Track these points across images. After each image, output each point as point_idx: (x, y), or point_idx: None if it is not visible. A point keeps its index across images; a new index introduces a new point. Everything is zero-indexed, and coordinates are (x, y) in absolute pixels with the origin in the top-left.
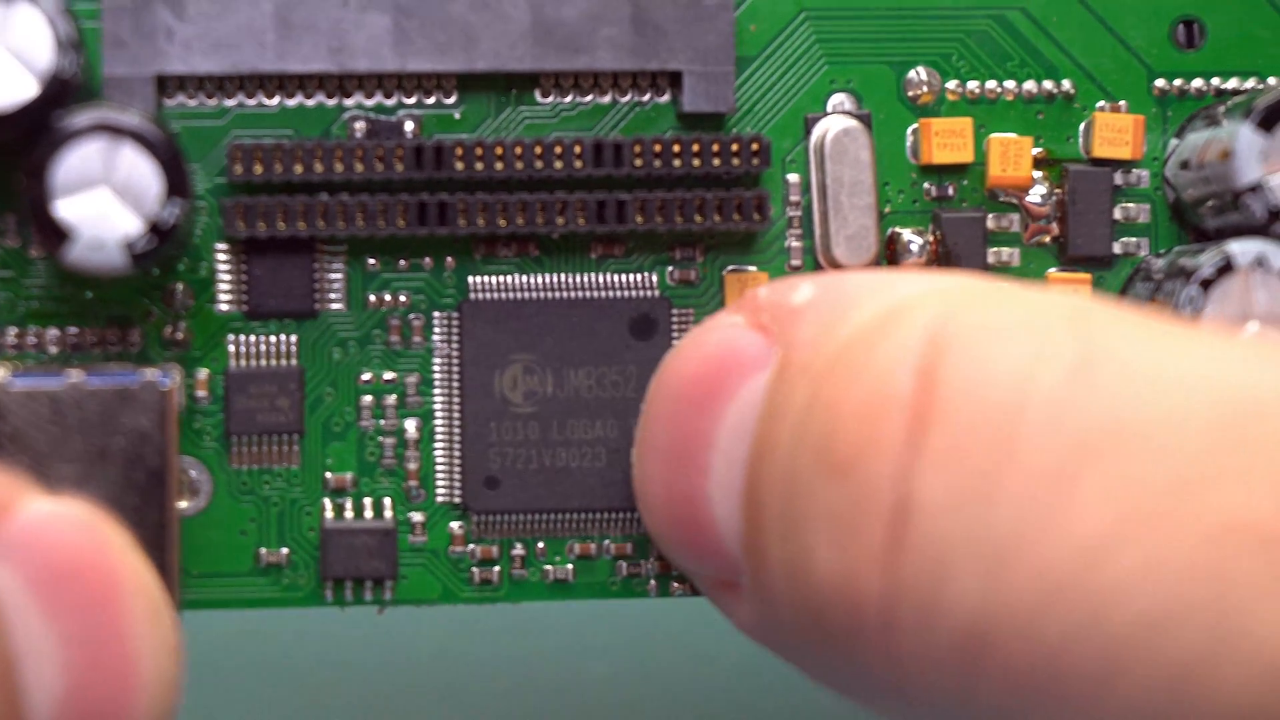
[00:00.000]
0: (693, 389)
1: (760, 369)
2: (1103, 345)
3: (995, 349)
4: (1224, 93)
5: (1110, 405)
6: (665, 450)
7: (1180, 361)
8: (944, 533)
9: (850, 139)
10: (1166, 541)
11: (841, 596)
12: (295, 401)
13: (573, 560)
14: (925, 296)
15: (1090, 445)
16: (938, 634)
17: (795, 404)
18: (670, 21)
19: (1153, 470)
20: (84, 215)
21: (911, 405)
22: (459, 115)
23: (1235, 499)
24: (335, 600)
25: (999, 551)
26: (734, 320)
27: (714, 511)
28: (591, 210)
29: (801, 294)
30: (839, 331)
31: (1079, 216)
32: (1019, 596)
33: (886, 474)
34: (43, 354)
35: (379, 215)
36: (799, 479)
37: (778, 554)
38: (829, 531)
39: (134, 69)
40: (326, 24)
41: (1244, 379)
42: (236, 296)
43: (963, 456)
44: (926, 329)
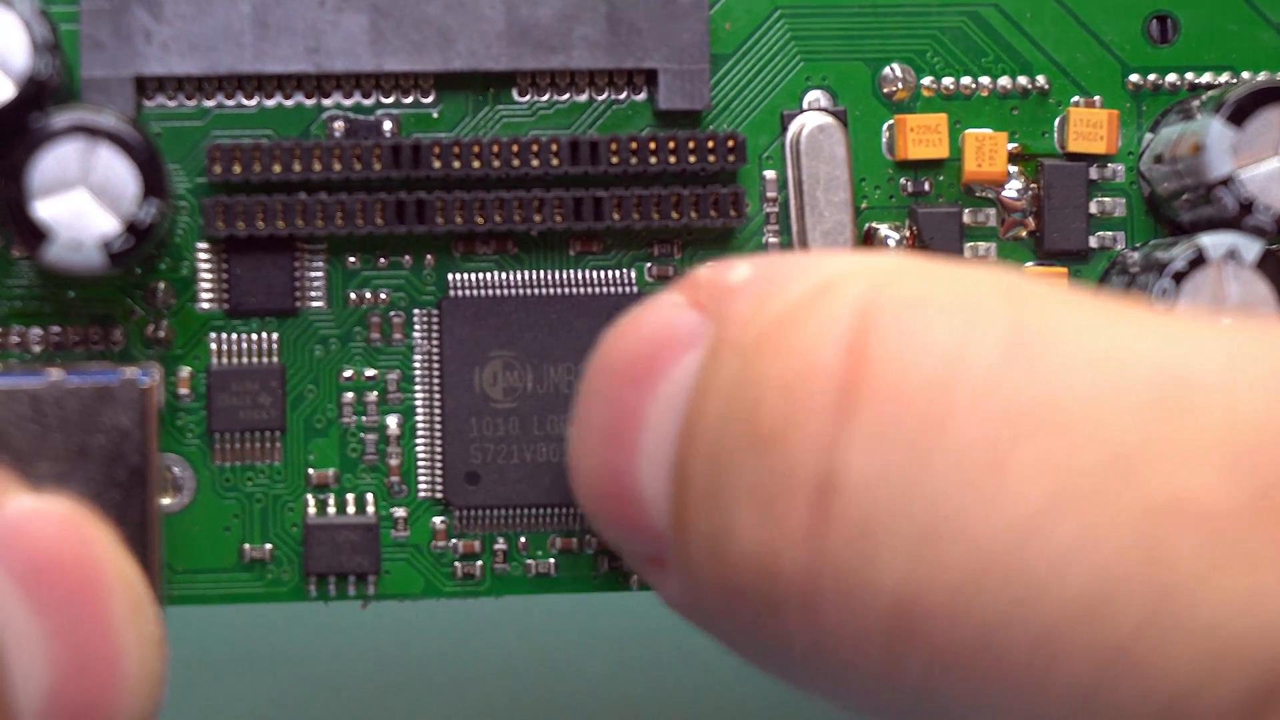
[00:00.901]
0: (627, 366)
1: (694, 346)
2: (1036, 321)
3: (926, 324)
4: (1198, 87)
5: (1043, 381)
6: (598, 427)
7: (1115, 338)
8: (870, 507)
9: (826, 135)
10: (1101, 519)
11: (763, 570)
12: (277, 399)
13: (555, 554)
14: (856, 272)
15: (1022, 421)
16: (862, 610)
17: (724, 379)
18: (645, 20)
19: (1086, 447)
20: (61, 216)
21: (839, 378)
22: (437, 114)
23: (1171, 476)
24: (318, 595)
25: (928, 527)
26: (673, 299)
27: (643, 488)
28: (569, 208)
29: (738, 273)
30: (769, 307)
31: (1055, 211)
32: (948, 573)
33: (811, 447)
34: (26, 353)
35: (358, 214)
36: (723, 453)
37: (701, 527)
38: (751, 504)
39: (112, 71)
40: (303, 25)
41: (1179, 355)
42: (218, 295)
43: (892, 431)
44: (856, 303)
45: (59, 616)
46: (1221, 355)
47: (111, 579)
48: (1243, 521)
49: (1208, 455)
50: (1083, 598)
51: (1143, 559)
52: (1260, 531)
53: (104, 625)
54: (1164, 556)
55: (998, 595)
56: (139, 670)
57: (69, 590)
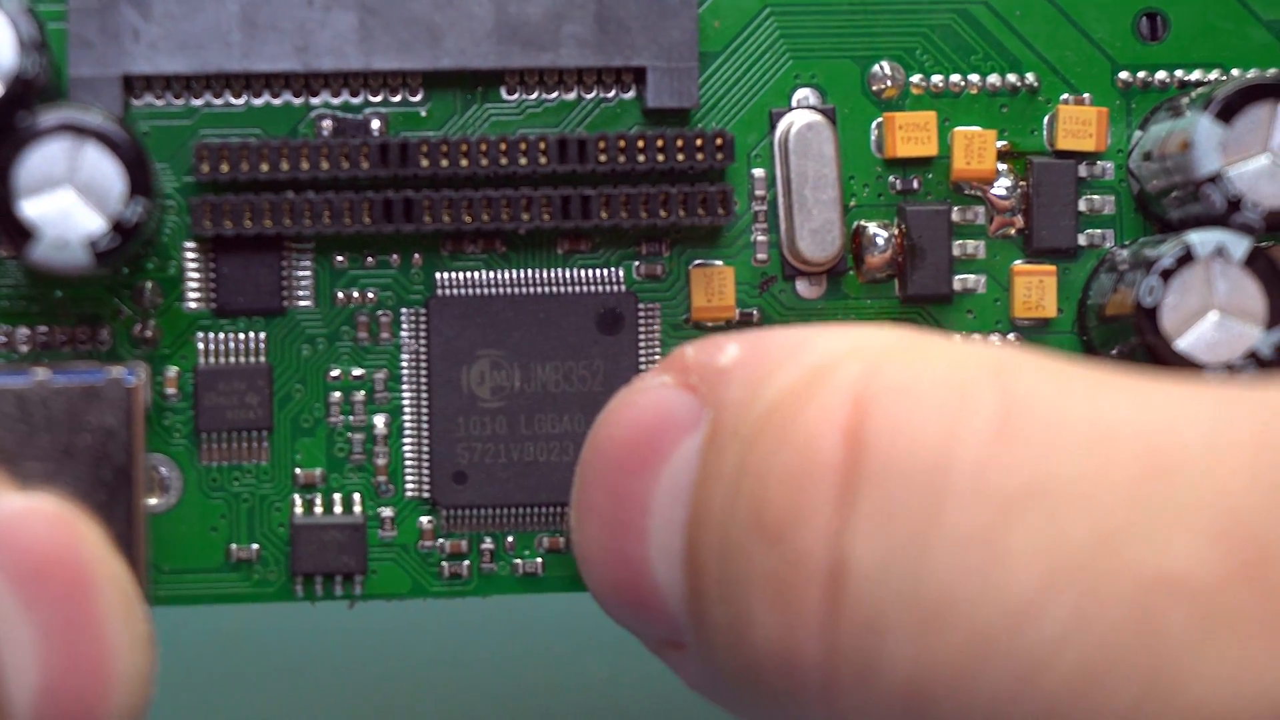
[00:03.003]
0: (626, 452)
1: (691, 430)
2: (1025, 399)
3: (918, 408)
4: (1187, 85)
5: (1034, 461)
6: (602, 514)
7: (1103, 411)
8: (877, 595)
9: (814, 133)
10: (1094, 596)
11: (780, 659)
12: (264, 398)
13: (542, 554)
14: (846, 355)
15: (1016, 502)
16: (876, 694)
17: (727, 468)
18: (634, 18)
19: (1078, 524)
20: (48, 214)
21: (839, 469)
22: (425, 113)
23: (1161, 550)
24: (305, 595)
25: (931, 613)
26: (663, 381)
27: (655, 575)
28: (557, 206)
29: (728, 354)
30: (764, 393)
31: (1044, 209)
32: (952, 657)
33: (818, 538)
34: (13, 353)
35: (346, 213)
36: (734, 544)
37: (718, 617)
38: (765, 596)
39: (100, 69)
40: (291, 23)
41: (1168, 427)
42: (205, 294)
43: (892, 519)
44: (849, 390)
45: (49, 614)
46: (1203, 423)
47: (101, 577)
48: (1230, 593)
49: (1194, 527)
50: (1080, 675)
51: (1135, 634)
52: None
53: (94, 623)
54: (1156, 631)
55: (1000, 675)
56: (129, 668)
57: (59, 588)
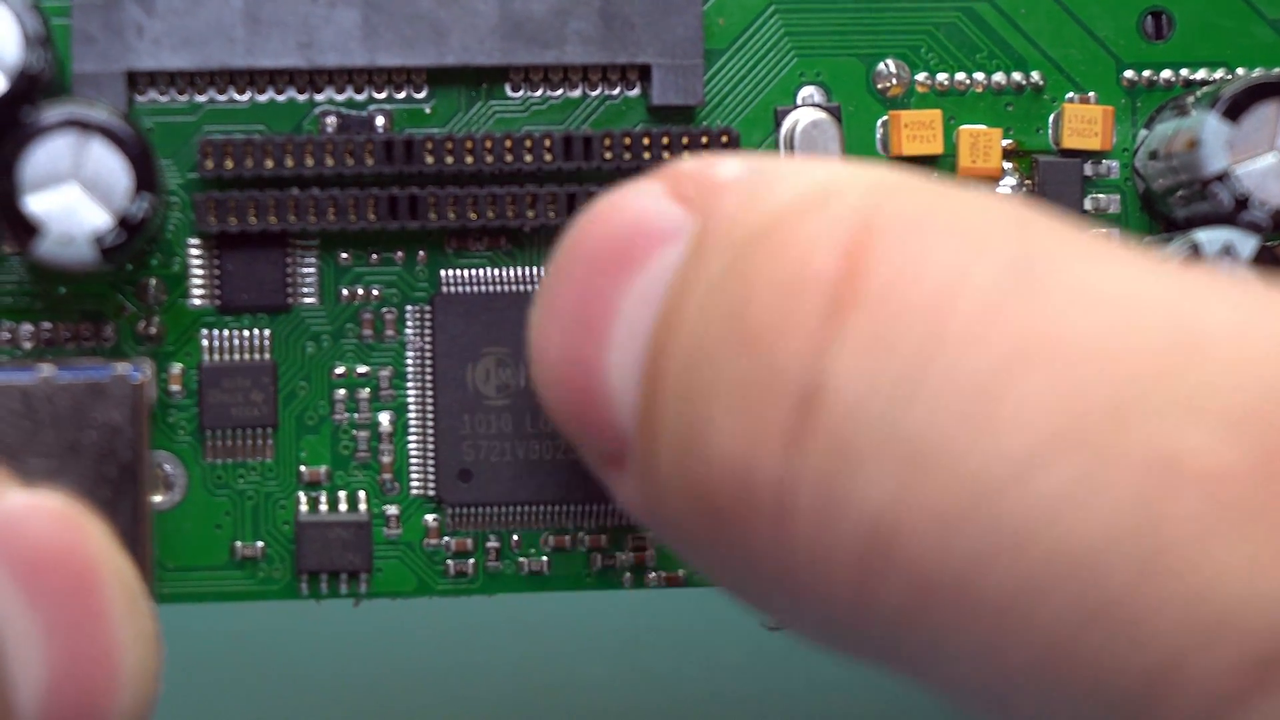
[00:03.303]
0: (602, 254)
1: (675, 240)
2: (1046, 252)
3: (932, 240)
4: (1193, 83)
5: (1051, 314)
6: (566, 315)
7: (1127, 280)
8: (857, 422)
9: (820, 131)
10: (1099, 466)
11: (734, 474)
12: (269, 395)
13: (548, 552)
14: (858, 181)
15: (1026, 353)
16: (837, 528)
17: (708, 274)
18: (639, 15)
19: (1092, 388)
20: (53, 210)
21: (834, 285)
22: (429, 110)
23: (1179, 431)
24: (310, 593)
25: (916, 452)
26: (653, 188)
27: (610, 382)
28: (562, 203)
29: (728, 169)
30: (764, 205)
31: (1049, 207)
32: (934, 502)
33: (797, 351)
34: (16, 350)
35: (350, 209)
36: (704, 349)
37: (671, 424)
38: (729, 405)
39: (104, 65)
40: (295, 19)
41: (1192, 306)
42: (209, 291)
43: (885, 347)
44: (858, 211)
45: (55, 612)
46: (1235, 312)
47: (107, 574)
48: (1244, 485)
49: (1213, 413)
50: (1072, 548)
51: (1138, 515)
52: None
53: (100, 620)
54: (1161, 515)
55: (984, 533)
56: (135, 665)
57: (64, 586)
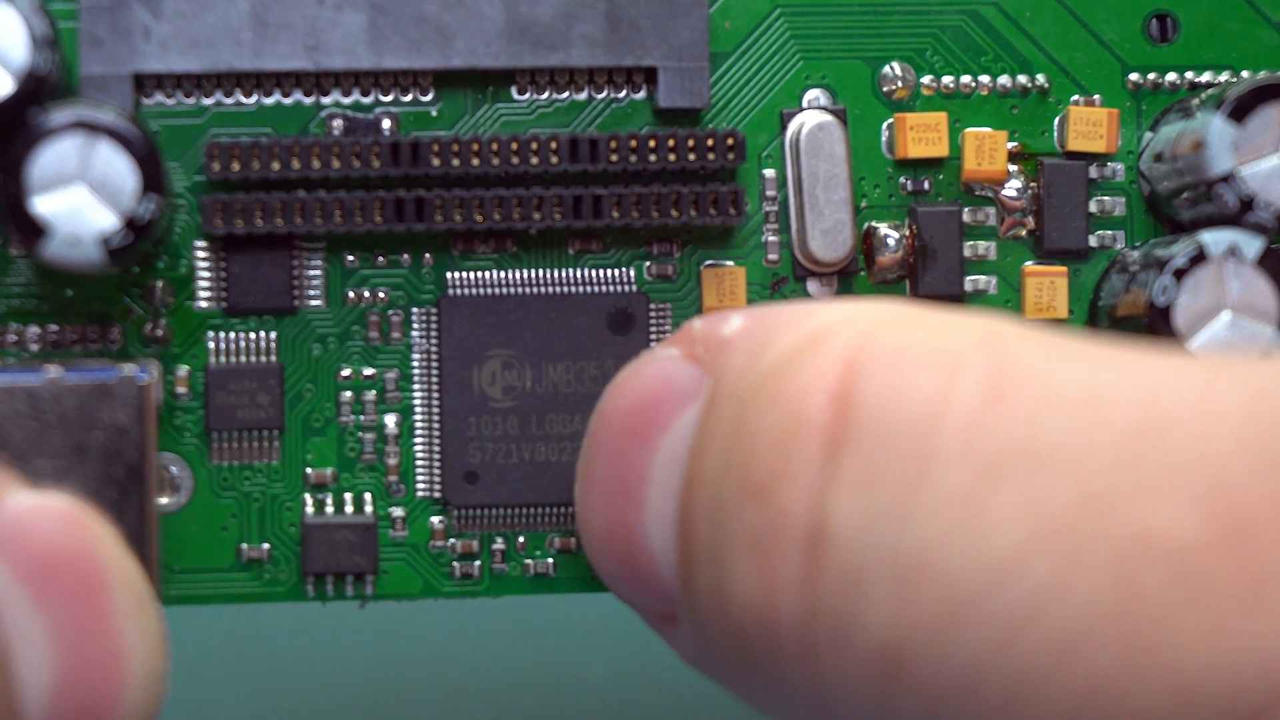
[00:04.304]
0: (628, 421)
1: (693, 399)
2: (1014, 365)
3: (908, 372)
4: (1197, 86)
5: (1021, 424)
6: (603, 483)
7: (1091, 378)
8: (858, 554)
9: (825, 134)
10: (1074, 558)
11: (760, 619)
12: (275, 397)
13: (553, 554)
14: (841, 323)
15: (1001, 465)
16: (854, 654)
17: (721, 431)
18: (645, 18)
19: (1062, 487)
20: (60, 211)
21: (826, 429)
22: (436, 112)
23: (1143, 512)
24: (316, 595)
25: (909, 572)
26: (670, 353)
27: (651, 544)
28: (568, 206)
29: (732, 325)
30: (763, 359)
31: (1054, 210)
32: (928, 616)
33: (801, 497)
34: (23, 352)
35: (357, 212)
36: (722, 505)
37: (704, 580)
38: (747, 555)
39: (111, 68)
40: (302, 22)
41: (1152, 392)
42: (216, 293)
43: (876, 478)
44: (841, 354)
45: (63, 613)
46: (1193, 390)
47: (114, 575)
48: (1210, 555)
49: (1177, 490)
50: (1057, 637)
51: (1114, 597)
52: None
53: (107, 621)
54: (1134, 593)
55: (977, 636)
56: (142, 666)
57: (72, 587)
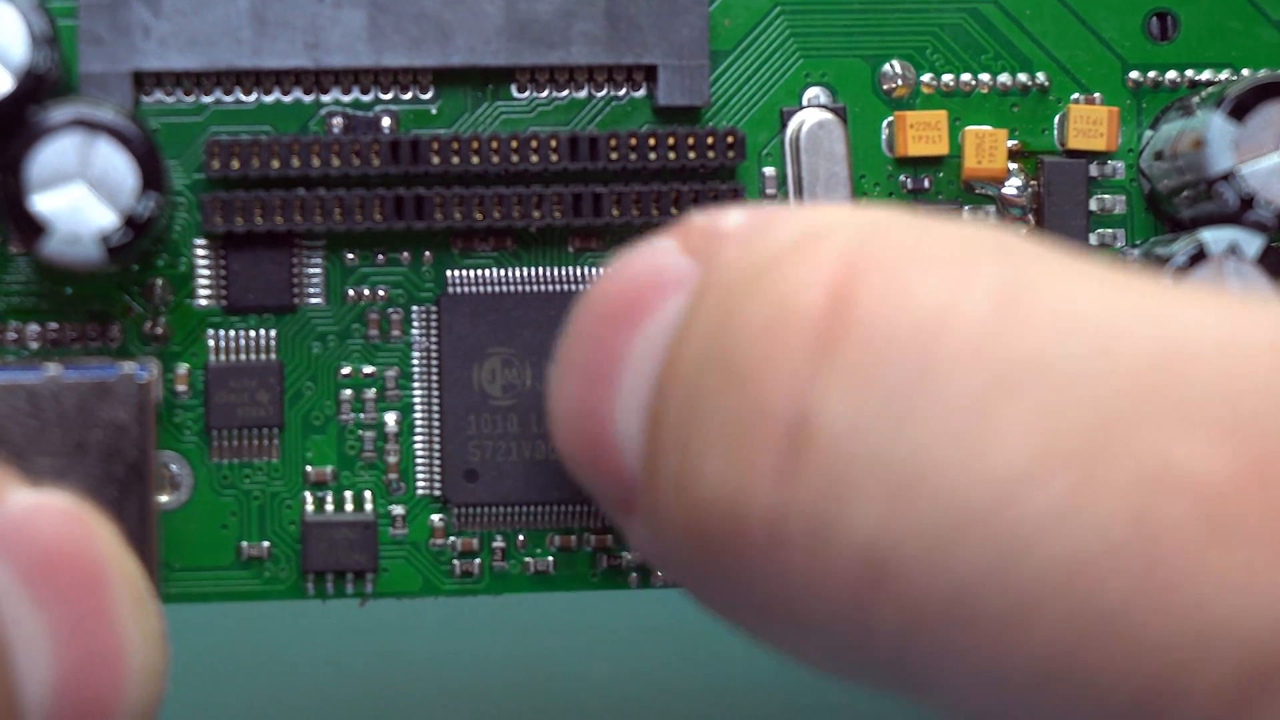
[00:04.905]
0: (612, 306)
1: (680, 289)
2: (1031, 278)
3: (916, 272)
4: (1198, 84)
5: (1036, 337)
6: (578, 366)
7: (1113, 300)
8: (846, 452)
9: (825, 132)
10: (1091, 480)
11: (727, 509)
12: (275, 395)
13: (553, 552)
14: (846, 221)
15: (1013, 376)
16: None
17: (705, 320)
18: (645, 16)
19: (1079, 405)
20: (60, 209)
21: (820, 321)
22: (435, 110)
23: (1165, 442)
24: (316, 593)
25: (906, 477)
26: (666, 243)
27: (618, 429)
28: (568, 204)
29: (731, 219)
30: (758, 250)
31: (1055, 208)
32: (925, 525)
33: (785, 386)
34: (23, 350)
35: (357, 210)
36: (697, 391)
37: (669, 468)
38: (719, 444)
39: (110, 65)
40: (302, 20)
41: (1178, 320)
42: (215, 291)
43: (872, 377)
44: (844, 249)
45: (63, 611)
46: (1222, 323)
47: (114, 573)
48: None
49: (1204, 422)
50: (1066, 563)
51: (1132, 527)
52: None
53: (108, 620)
54: (1155, 526)
55: (977, 553)
56: (143, 664)
57: (72, 585)
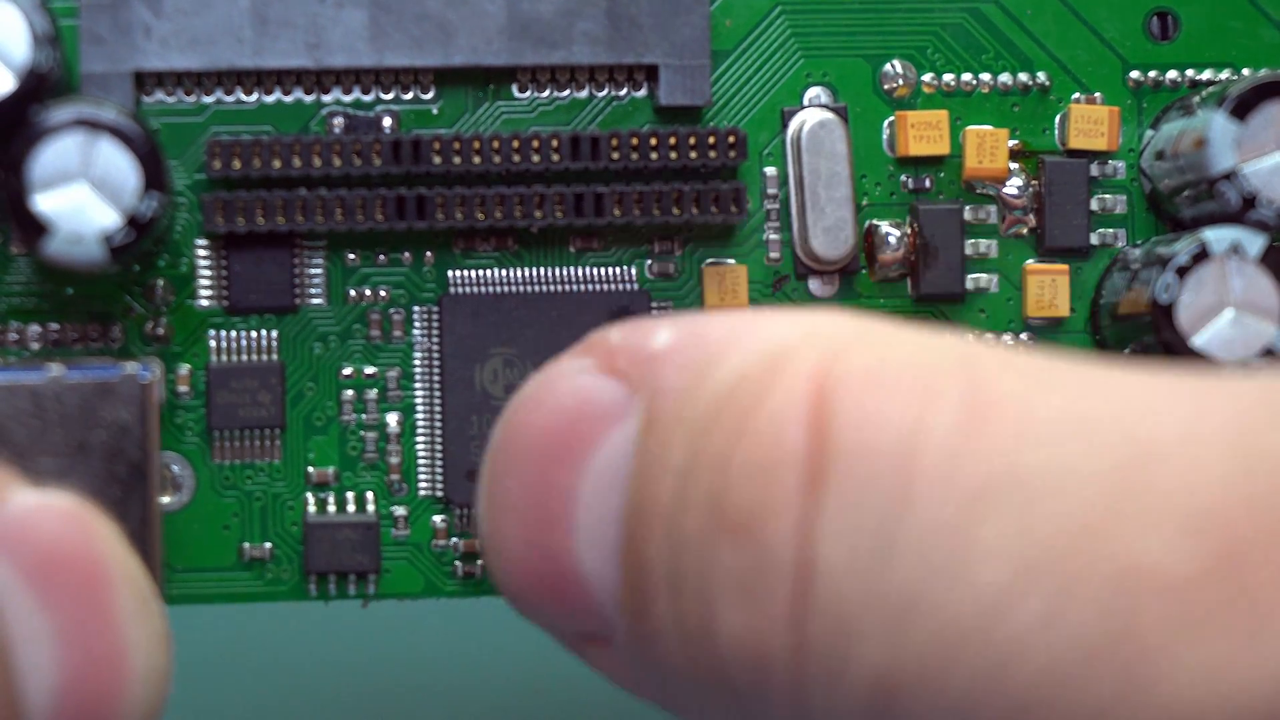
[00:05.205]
0: (548, 440)
1: (621, 419)
2: (992, 390)
3: (882, 396)
4: (1198, 84)
5: (1003, 451)
6: (522, 505)
7: (1073, 404)
8: (846, 592)
9: (826, 132)
10: (1067, 590)
11: (749, 657)
12: (276, 396)
13: None
14: (804, 341)
15: (985, 494)
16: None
17: (674, 460)
18: (646, 16)
19: (1050, 517)
20: (62, 209)
21: (804, 460)
22: (437, 110)
23: (1136, 543)
24: (318, 595)
25: (899, 609)
26: (582, 365)
27: (582, 568)
28: (570, 204)
29: (659, 339)
30: (712, 379)
31: (1056, 208)
32: (921, 653)
33: (786, 534)
34: (24, 350)
35: (358, 210)
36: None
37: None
38: (730, 593)
39: (112, 65)
40: (303, 20)
41: (1142, 418)
42: (217, 292)
43: (859, 514)
44: (810, 377)
45: (66, 612)
46: (1182, 416)
47: (117, 574)
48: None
49: (1168, 521)
50: (1051, 673)
51: (1108, 631)
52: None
53: (111, 621)
54: (1128, 627)
55: (970, 672)
56: (146, 666)
57: (75, 586)
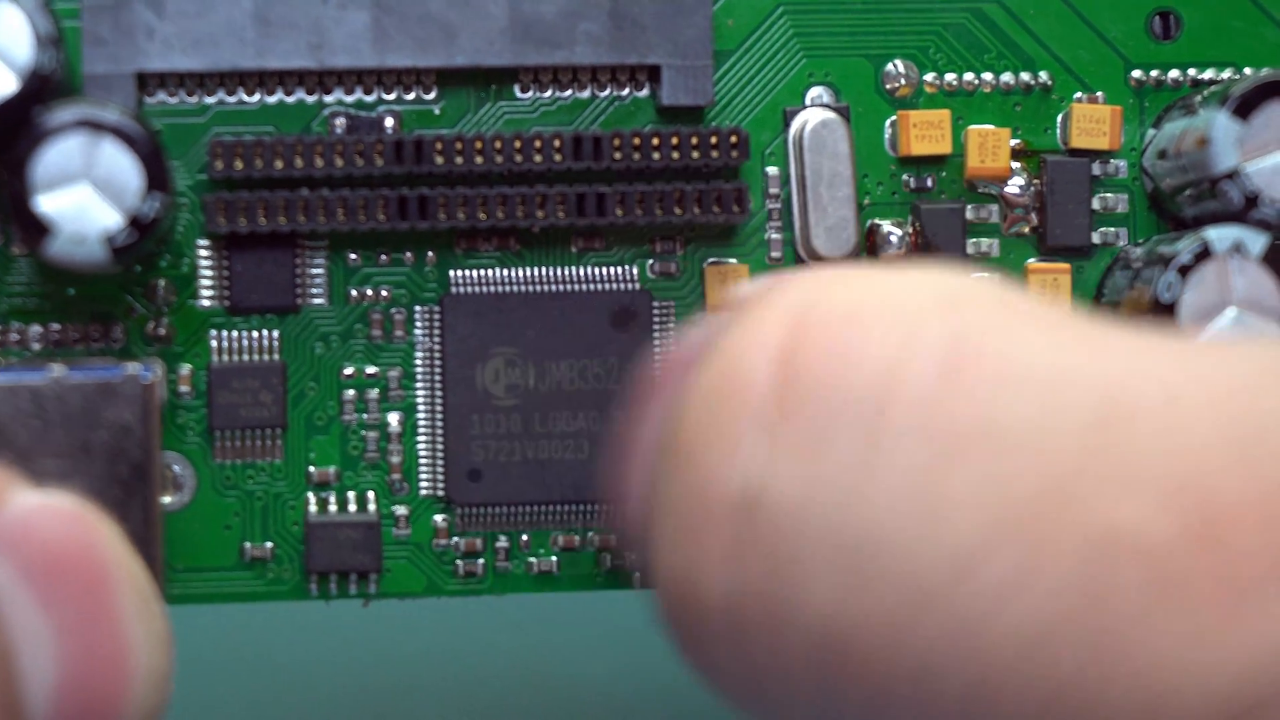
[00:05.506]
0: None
1: None
2: (976, 335)
3: (859, 336)
4: (1200, 83)
5: (981, 403)
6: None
7: (1057, 354)
8: (796, 530)
9: (829, 131)
10: (1039, 549)
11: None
12: (278, 396)
13: (557, 552)
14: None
15: (960, 446)
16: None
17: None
18: (648, 16)
19: (1024, 472)
20: (65, 210)
21: (764, 391)
22: (439, 111)
23: (1114, 505)
24: (320, 594)
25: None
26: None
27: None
28: (572, 203)
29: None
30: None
31: (1057, 207)
32: (881, 606)
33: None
34: (25, 351)
35: (360, 210)
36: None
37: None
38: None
39: (114, 66)
40: (306, 21)
41: (1125, 377)
42: (218, 292)
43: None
44: (788, 313)
45: (68, 613)
46: (1165, 378)
47: (119, 574)
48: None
49: (1148, 484)
50: (1021, 634)
51: (1081, 595)
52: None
53: (112, 621)
54: (1103, 593)
55: (935, 630)
56: (147, 666)
57: (76, 587)
